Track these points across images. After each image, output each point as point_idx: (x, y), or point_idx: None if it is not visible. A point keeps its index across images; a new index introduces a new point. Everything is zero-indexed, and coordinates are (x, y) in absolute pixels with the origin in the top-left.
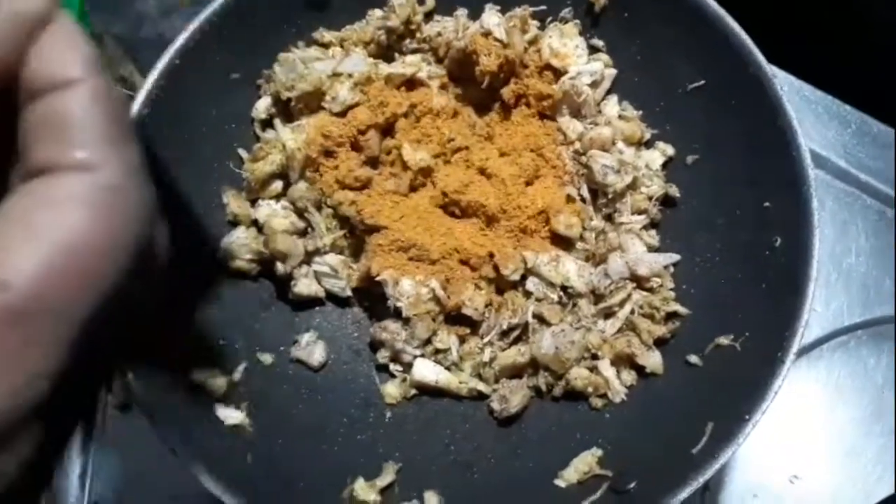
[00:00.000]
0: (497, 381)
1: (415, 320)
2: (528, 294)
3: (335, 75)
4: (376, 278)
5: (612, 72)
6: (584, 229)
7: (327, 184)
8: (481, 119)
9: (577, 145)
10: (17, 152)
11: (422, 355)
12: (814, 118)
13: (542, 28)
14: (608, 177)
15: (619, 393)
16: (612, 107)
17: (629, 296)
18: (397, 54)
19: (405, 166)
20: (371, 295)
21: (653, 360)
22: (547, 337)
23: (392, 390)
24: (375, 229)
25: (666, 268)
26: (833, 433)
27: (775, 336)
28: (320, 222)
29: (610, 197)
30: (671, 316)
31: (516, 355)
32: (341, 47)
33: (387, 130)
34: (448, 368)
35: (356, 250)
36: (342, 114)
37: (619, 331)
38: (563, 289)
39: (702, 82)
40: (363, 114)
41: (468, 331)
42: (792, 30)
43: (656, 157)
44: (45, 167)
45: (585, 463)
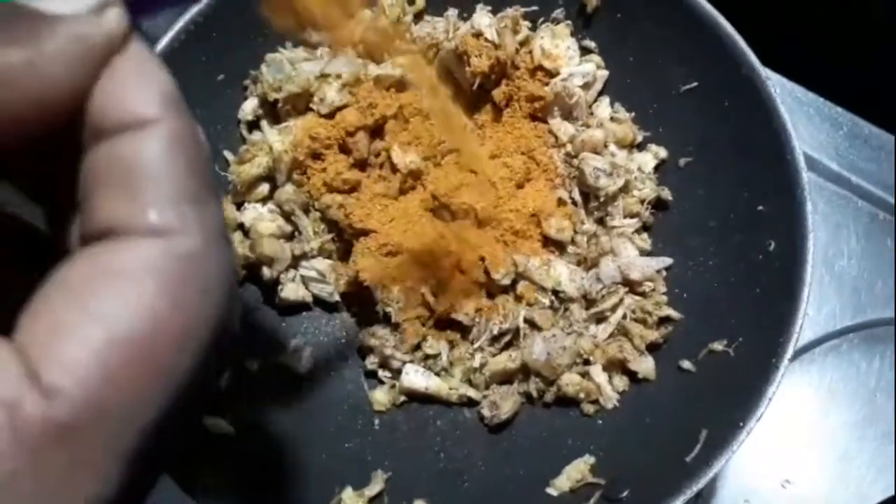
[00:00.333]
0: (487, 387)
1: (404, 325)
2: (520, 299)
3: (323, 76)
4: (365, 283)
5: (604, 73)
6: (576, 233)
7: (315, 187)
8: (472, 121)
9: (569, 147)
10: (78, 202)
11: (411, 361)
12: (806, 120)
13: (533, 29)
14: (600, 180)
15: (611, 399)
16: (604, 109)
17: (621, 300)
18: (386, 55)
19: (394, 169)
20: (359, 300)
21: (645, 366)
22: (538, 342)
23: (381, 397)
24: (364, 233)
25: (658, 272)
26: (825, 437)
27: (769, 342)
28: (308, 226)
29: (602, 200)
30: (664, 321)
31: (507, 361)
32: (329, 48)
33: (376, 132)
34: (438, 374)
35: (344, 254)
36: (330, 115)
37: (610, 336)
38: (555, 293)
39: (695, 84)
40: (352, 115)
41: (458, 336)
42: (783, 30)
43: (649, 159)
44: (110, 229)
45: (578, 470)
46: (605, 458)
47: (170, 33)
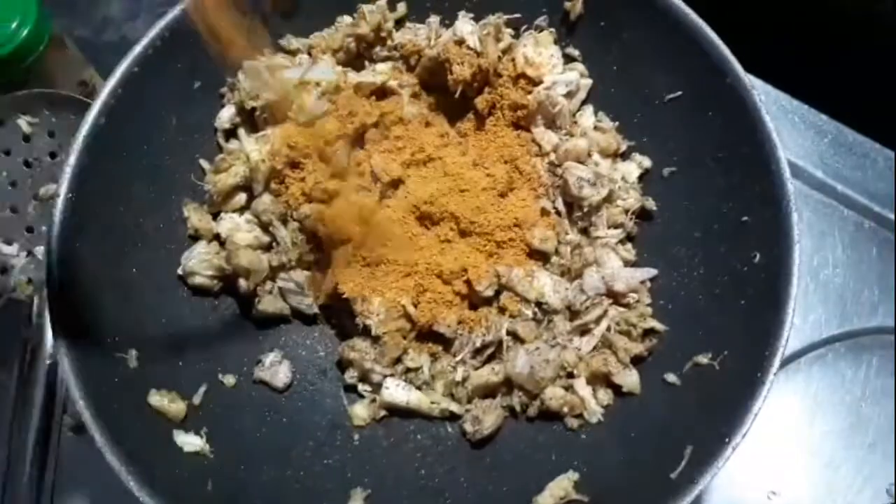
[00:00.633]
0: (470, 401)
1: (385, 338)
2: (503, 310)
3: (302, 84)
4: (344, 295)
5: (588, 82)
6: (560, 243)
7: (293, 196)
8: (454, 129)
9: (553, 157)
10: None
11: (392, 374)
12: (790, 127)
13: (516, 36)
14: (584, 189)
15: (595, 413)
16: (587, 118)
17: (605, 312)
18: (367, 62)
19: (375, 178)
20: (339, 312)
21: (630, 380)
22: (521, 355)
23: (360, 411)
24: (343, 243)
25: (643, 283)
26: (811, 446)
27: (755, 355)
28: (286, 236)
29: (585, 210)
30: (648, 333)
31: (490, 374)
32: (309, 55)
33: (356, 140)
34: (419, 388)
35: (324, 265)
36: (309, 124)
37: (595, 348)
38: (538, 305)
39: (679, 93)
40: (331, 124)
41: (440, 348)
42: (768, 38)
43: (633, 169)
44: None
45: (561, 487)
46: (588, 473)
47: (144, 40)
